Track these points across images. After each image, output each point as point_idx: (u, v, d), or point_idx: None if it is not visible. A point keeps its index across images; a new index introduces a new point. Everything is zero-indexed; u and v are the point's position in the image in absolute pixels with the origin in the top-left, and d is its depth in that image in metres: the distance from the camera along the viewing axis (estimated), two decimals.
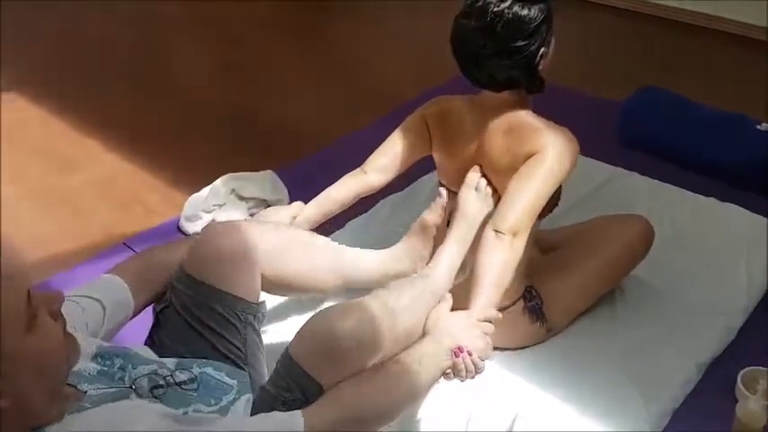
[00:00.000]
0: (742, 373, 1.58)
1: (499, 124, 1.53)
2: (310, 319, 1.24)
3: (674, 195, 2.20)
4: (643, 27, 3.48)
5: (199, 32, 3.72)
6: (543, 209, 1.51)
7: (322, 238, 1.57)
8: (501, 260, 1.42)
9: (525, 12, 1.43)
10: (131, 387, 1.11)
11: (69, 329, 1.02)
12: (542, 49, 1.47)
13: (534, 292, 1.63)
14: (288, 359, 1.19)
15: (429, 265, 1.52)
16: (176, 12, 3.88)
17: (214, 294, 1.31)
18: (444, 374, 1.30)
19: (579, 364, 1.62)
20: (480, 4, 1.44)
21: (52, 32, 3.59)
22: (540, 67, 1.50)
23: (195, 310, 1.31)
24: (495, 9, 1.42)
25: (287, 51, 3.43)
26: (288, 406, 1.16)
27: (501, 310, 1.53)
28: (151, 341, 1.35)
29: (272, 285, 1.44)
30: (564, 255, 1.74)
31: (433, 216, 1.58)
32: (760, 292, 1.83)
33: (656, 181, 2.27)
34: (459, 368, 1.29)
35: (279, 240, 1.43)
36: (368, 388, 1.19)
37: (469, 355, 1.29)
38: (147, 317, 1.40)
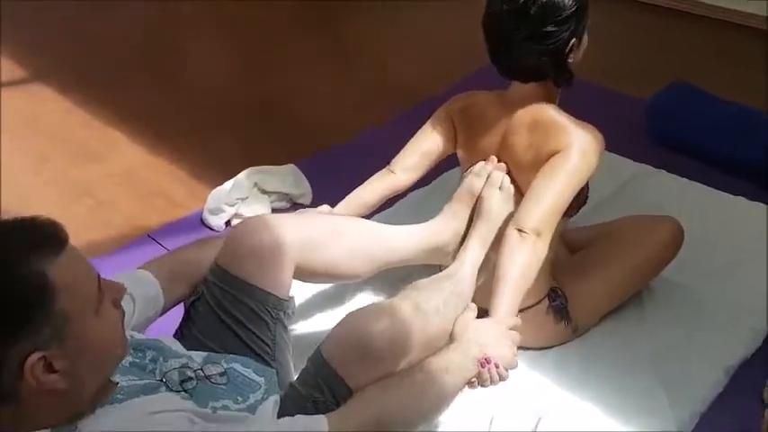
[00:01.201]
0: None
1: (524, 119, 1.51)
2: (343, 320, 1.23)
3: (702, 194, 2.17)
4: (670, 22, 3.43)
5: (220, 28, 3.72)
6: (571, 206, 1.49)
7: (356, 220, 1.55)
8: (524, 261, 1.40)
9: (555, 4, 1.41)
10: (162, 380, 1.12)
11: None
12: (573, 40, 1.45)
13: (559, 292, 1.61)
14: (319, 359, 1.19)
15: (454, 263, 1.51)
16: (197, 8, 3.87)
17: (246, 288, 1.31)
18: (469, 383, 1.29)
19: (605, 366, 1.60)
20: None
21: (78, 26, 3.61)
22: (570, 60, 1.48)
23: (227, 304, 1.31)
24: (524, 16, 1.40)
25: (307, 46, 3.42)
26: (317, 407, 1.16)
27: (525, 309, 1.53)
28: (181, 334, 1.35)
29: (306, 275, 1.43)
30: (592, 254, 1.72)
31: (479, 181, 1.56)
32: None
33: (684, 179, 2.24)
34: (483, 378, 1.28)
35: (311, 230, 1.42)
36: (394, 396, 1.18)
37: (496, 366, 1.28)
38: (176, 311, 1.40)
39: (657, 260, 1.72)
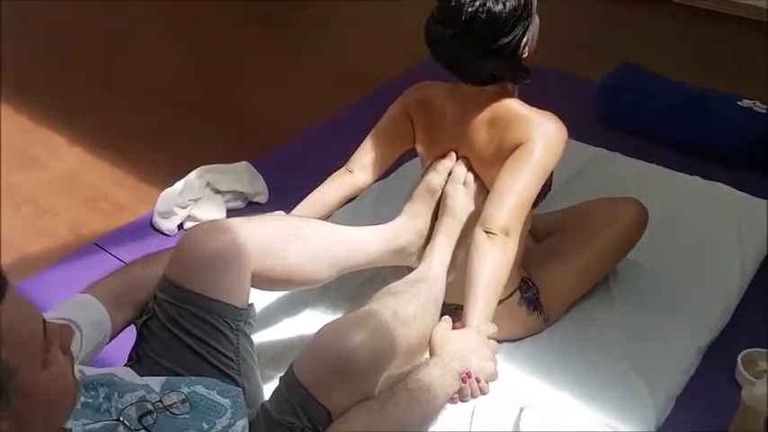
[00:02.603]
0: (741, 355, 1.57)
1: (484, 114, 1.47)
2: (318, 335, 1.15)
3: (659, 175, 2.19)
4: (618, 5, 3.45)
5: (165, 22, 3.57)
6: (537, 196, 1.46)
7: (315, 222, 1.47)
8: (494, 265, 1.36)
9: (500, 7, 1.34)
10: (119, 419, 1.03)
11: None
12: (525, 38, 1.40)
13: (530, 283, 1.59)
14: (293, 381, 1.11)
15: (423, 263, 1.47)
16: (142, 2, 3.72)
17: (201, 301, 1.22)
18: (450, 399, 1.25)
19: (580, 353, 1.59)
20: (453, 5, 1.35)
21: (9, 22, 3.42)
22: (525, 55, 1.43)
23: (181, 320, 1.22)
24: (470, 10, 1.33)
25: (257, 37, 3.32)
26: None
27: (499, 302, 1.50)
28: (136, 357, 1.26)
29: (264, 282, 1.34)
30: (558, 241, 1.70)
31: (439, 178, 1.51)
32: (752, 272, 1.82)
33: (640, 161, 2.25)
34: (465, 393, 1.24)
35: (269, 234, 1.34)
36: (377, 421, 1.11)
37: (477, 381, 1.24)
38: (127, 335, 1.31)
39: (623, 243, 1.71)
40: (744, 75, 2.72)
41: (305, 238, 1.38)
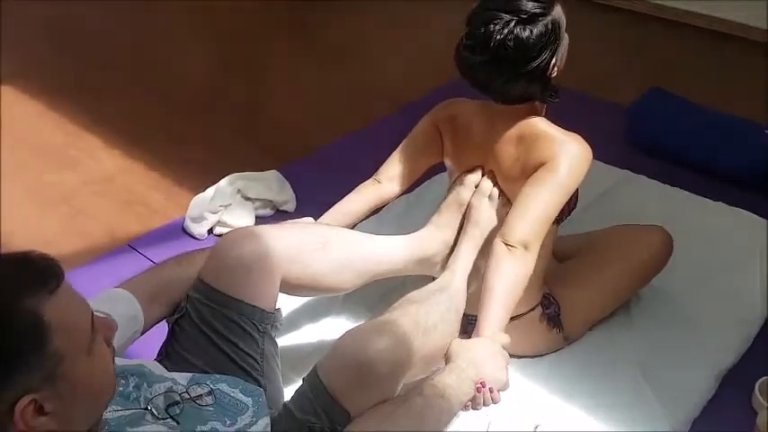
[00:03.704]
0: (759, 382, 1.57)
1: (511, 132, 1.51)
2: (341, 340, 1.20)
3: (683, 199, 2.19)
4: (648, 29, 3.46)
5: (199, 31, 3.66)
6: (562, 212, 1.49)
7: (342, 231, 1.52)
8: (512, 276, 1.39)
9: (527, 33, 1.38)
10: (147, 408, 1.08)
11: None
12: (554, 60, 1.44)
13: (552, 299, 1.61)
14: (317, 384, 1.16)
15: (445, 273, 1.50)
16: (177, 10, 3.81)
17: (232, 303, 1.28)
18: (463, 406, 1.28)
19: (598, 373, 1.61)
20: (482, 32, 1.39)
21: (48, 26, 3.53)
22: (554, 75, 1.47)
23: (212, 320, 1.28)
24: (498, 38, 1.37)
25: (288, 49, 3.39)
26: None
27: (519, 316, 1.53)
28: (165, 353, 1.31)
29: (292, 288, 1.40)
30: (581, 263, 1.72)
31: (466, 192, 1.55)
32: None
33: (665, 185, 2.26)
34: (477, 401, 1.27)
35: (298, 242, 1.39)
36: (390, 425, 1.14)
37: (490, 390, 1.27)
38: (157, 332, 1.36)
39: (648, 269, 1.73)
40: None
41: (332, 246, 1.43)
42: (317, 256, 1.40)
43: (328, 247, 1.42)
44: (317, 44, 3.52)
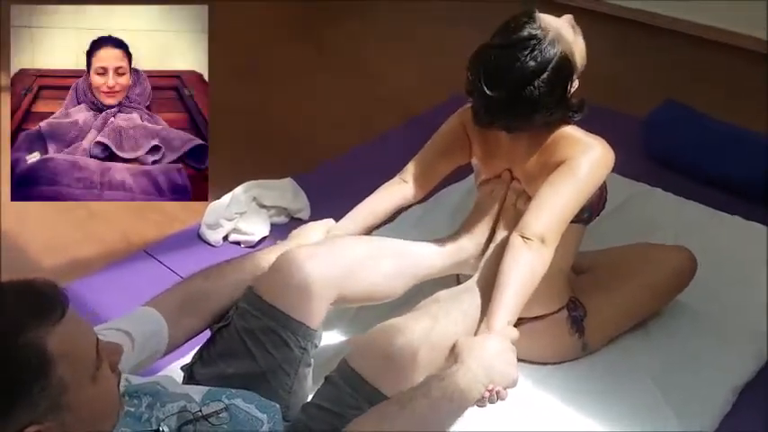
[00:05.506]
0: None
1: (537, 138, 1.50)
2: (371, 339, 1.28)
3: (699, 213, 2.18)
4: (663, 42, 3.47)
5: (213, 38, 3.68)
6: (591, 213, 1.50)
7: (386, 241, 1.55)
8: (528, 267, 1.37)
9: (546, 75, 1.38)
10: (158, 429, 1.07)
11: None
12: (569, 87, 1.44)
13: (578, 303, 1.61)
14: (351, 375, 1.22)
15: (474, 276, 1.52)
16: None
17: (281, 317, 1.31)
18: None
19: (613, 384, 1.60)
20: (496, 76, 1.40)
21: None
22: (571, 93, 1.46)
23: (256, 330, 1.31)
24: (512, 86, 1.38)
25: (302, 57, 3.40)
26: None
27: (544, 316, 1.55)
28: (199, 357, 1.34)
29: (347, 301, 1.45)
30: (606, 275, 1.70)
31: (496, 195, 1.58)
32: None
33: (680, 198, 2.25)
34: (484, 400, 1.27)
35: (351, 260, 1.43)
36: (393, 425, 1.15)
37: (497, 393, 1.26)
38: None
39: (671, 289, 1.73)
40: None
41: (380, 258, 1.47)
42: (371, 270, 1.45)
43: (376, 259, 1.47)
44: (331, 53, 3.53)
